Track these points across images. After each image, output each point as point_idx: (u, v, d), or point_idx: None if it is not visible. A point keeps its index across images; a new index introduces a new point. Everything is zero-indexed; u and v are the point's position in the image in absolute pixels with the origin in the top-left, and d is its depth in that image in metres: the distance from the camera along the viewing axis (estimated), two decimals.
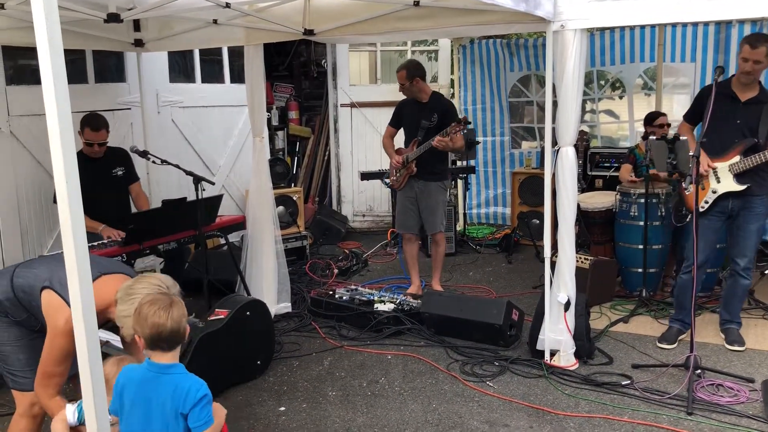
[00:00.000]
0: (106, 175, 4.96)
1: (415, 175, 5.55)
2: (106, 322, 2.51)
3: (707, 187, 4.37)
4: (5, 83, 4.90)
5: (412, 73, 5.45)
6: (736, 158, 4.32)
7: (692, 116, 4.62)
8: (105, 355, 2.27)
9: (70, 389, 2.87)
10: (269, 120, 8.27)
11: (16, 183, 5.02)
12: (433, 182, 5.58)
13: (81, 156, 4.85)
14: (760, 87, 4.39)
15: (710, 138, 4.22)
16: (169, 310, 2.21)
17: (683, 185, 4.22)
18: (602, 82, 7.86)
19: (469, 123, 5.41)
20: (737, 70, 4.33)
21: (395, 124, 5.78)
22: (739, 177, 4.33)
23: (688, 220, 4.58)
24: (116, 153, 5.06)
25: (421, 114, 5.49)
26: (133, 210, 5.22)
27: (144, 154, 4.95)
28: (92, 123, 4.79)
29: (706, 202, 4.41)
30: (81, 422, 2.50)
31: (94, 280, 2.51)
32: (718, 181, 4.35)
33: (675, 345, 4.55)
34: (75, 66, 5.58)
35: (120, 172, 5.07)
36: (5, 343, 2.66)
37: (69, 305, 2.38)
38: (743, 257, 4.45)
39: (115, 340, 3.62)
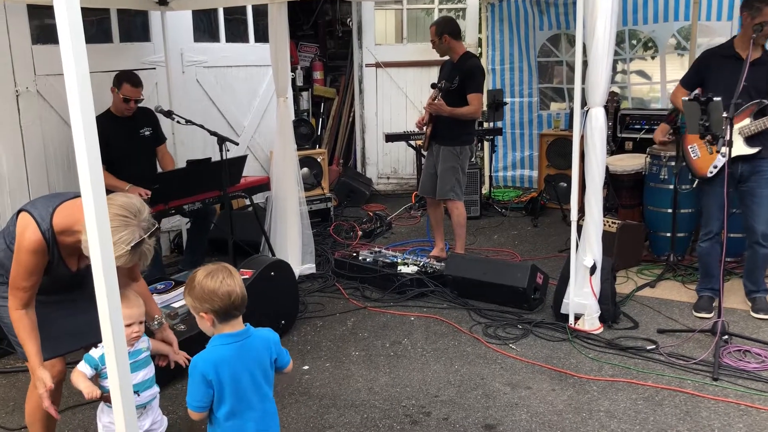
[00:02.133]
0: (134, 134, 4.98)
1: (432, 137, 5.49)
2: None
3: (715, 151, 4.23)
4: (31, 42, 4.91)
5: (441, 29, 5.32)
6: (746, 121, 4.18)
7: (690, 81, 4.51)
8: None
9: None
10: (293, 80, 8.22)
11: (44, 142, 5.06)
12: (445, 146, 5.43)
13: (110, 115, 4.88)
14: (762, 48, 4.27)
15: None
16: (232, 277, 2.19)
17: (716, 148, 4.11)
18: (634, 42, 7.64)
19: (441, 89, 5.23)
20: (740, 31, 4.23)
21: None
22: (749, 140, 4.20)
23: (694, 186, 4.50)
24: (144, 113, 5.06)
25: (448, 75, 5.38)
26: (159, 170, 5.25)
27: (168, 114, 4.95)
28: (132, 79, 4.79)
29: (715, 167, 4.30)
30: (97, 371, 2.56)
31: (70, 199, 2.53)
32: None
33: (713, 313, 4.40)
34: (100, 25, 5.56)
35: (147, 133, 5.08)
36: (7, 315, 2.66)
37: (38, 225, 2.42)
38: (759, 225, 4.29)
39: None
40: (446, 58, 5.53)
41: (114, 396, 1.64)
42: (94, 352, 2.56)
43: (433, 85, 5.29)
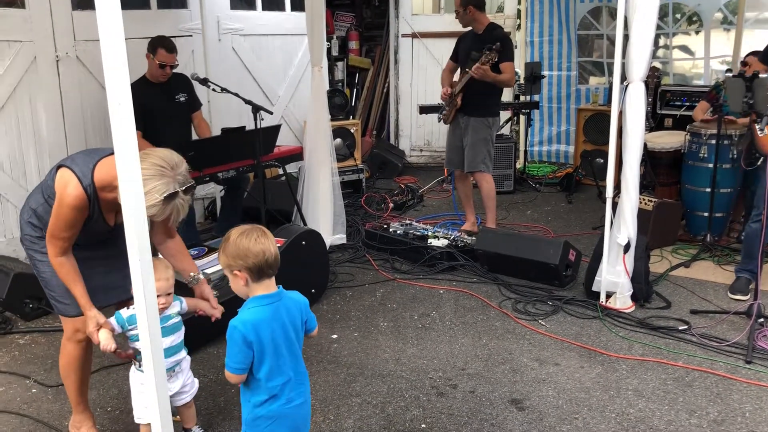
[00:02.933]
0: (169, 100, 5.01)
1: (460, 109, 5.41)
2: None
3: (757, 130, 4.10)
4: (71, 8, 4.96)
5: (466, 0, 5.24)
6: None
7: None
8: None
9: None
10: (329, 50, 8.18)
11: (82, 106, 5.14)
12: (476, 117, 5.37)
13: (145, 81, 4.91)
14: None
15: None
16: (266, 236, 2.19)
17: (758, 126, 3.99)
18: (678, 16, 7.42)
19: (500, 50, 5.06)
20: None
21: (455, 57, 5.61)
22: None
23: (759, 164, 4.34)
24: (180, 79, 5.08)
25: (473, 46, 5.30)
26: (194, 137, 5.29)
27: (204, 82, 4.97)
28: (167, 44, 4.81)
29: None
30: (123, 330, 2.62)
31: (108, 155, 2.57)
32: None
33: (749, 296, 4.32)
34: None
35: (183, 98, 5.10)
36: (45, 269, 2.72)
37: (80, 180, 2.46)
38: None
39: None
40: (467, 29, 5.46)
41: (145, 358, 1.68)
42: (124, 312, 2.62)
43: (489, 47, 5.05)
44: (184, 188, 2.39)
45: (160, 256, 2.90)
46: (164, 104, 4.95)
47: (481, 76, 5.09)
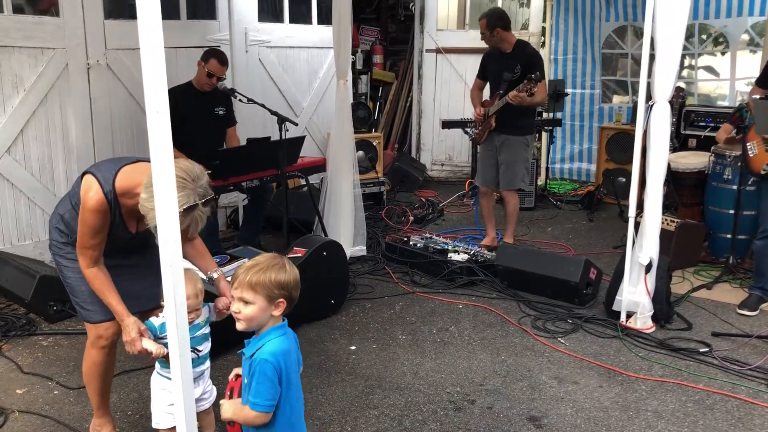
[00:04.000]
0: (209, 110, 5.08)
1: (494, 129, 5.42)
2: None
3: None
4: (104, 17, 5.07)
5: (493, 23, 5.26)
6: None
7: (766, 81, 4.36)
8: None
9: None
10: (353, 63, 8.25)
11: (111, 113, 5.23)
12: (515, 136, 5.41)
13: (190, 87, 5.01)
14: None
15: None
16: (292, 265, 2.11)
17: (748, 147, 4.01)
18: (704, 37, 7.39)
19: (540, 80, 5.09)
20: None
21: (482, 75, 5.64)
22: None
23: (749, 183, 4.36)
24: (221, 93, 5.12)
25: (504, 65, 5.32)
26: None
27: (231, 92, 5.04)
28: (220, 57, 4.95)
29: None
30: (156, 337, 2.64)
31: (132, 162, 2.62)
32: None
33: (756, 312, 4.38)
34: (168, 2, 5.69)
35: (221, 112, 5.18)
36: (70, 275, 2.78)
37: (101, 186, 2.51)
38: None
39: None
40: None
41: (174, 367, 1.70)
42: (155, 320, 2.65)
43: (529, 77, 5.04)
44: (203, 201, 2.42)
45: (188, 264, 2.94)
46: (203, 114, 5.02)
47: (518, 103, 5.12)
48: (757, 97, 3.83)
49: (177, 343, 1.65)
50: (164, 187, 1.56)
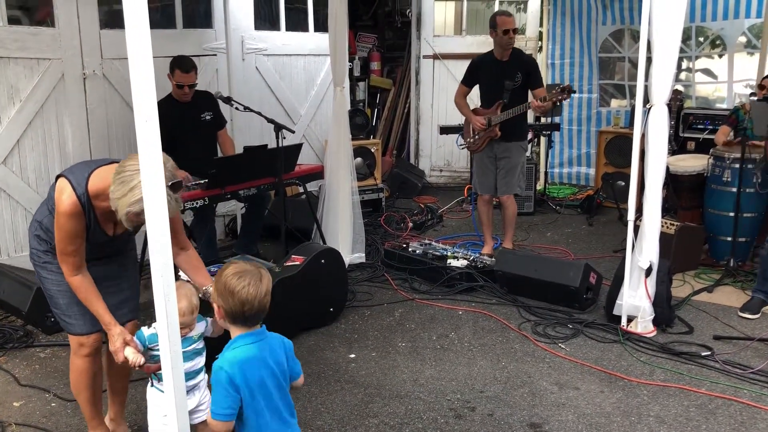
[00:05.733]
0: (195, 119, 5.05)
1: (497, 137, 5.40)
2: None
3: None
4: (99, 27, 5.06)
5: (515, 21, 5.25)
6: None
7: None
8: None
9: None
10: (351, 70, 8.25)
11: (107, 122, 5.22)
12: (514, 142, 5.41)
13: (171, 100, 4.97)
14: None
15: None
16: (258, 286, 2.07)
17: None
18: (701, 39, 7.40)
19: (574, 92, 5.13)
20: None
21: (469, 83, 5.58)
22: None
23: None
24: (205, 97, 5.12)
25: (502, 73, 5.29)
26: (220, 155, 5.34)
27: (228, 101, 5.02)
28: (182, 65, 4.83)
29: None
30: (144, 348, 2.62)
31: (106, 164, 2.60)
32: None
33: (758, 315, 4.37)
34: (164, 11, 5.69)
35: (208, 117, 5.14)
36: (50, 287, 2.76)
37: (74, 189, 2.49)
38: None
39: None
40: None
41: (165, 378, 1.68)
42: (146, 330, 2.63)
43: (561, 88, 5.06)
44: (170, 184, 2.40)
45: (184, 277, 2.92)
46: (190, 123, 5.00)
47: (542, 112, 5.13)
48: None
49: (169, 355, 1.62)
50: (154, 196, 1.55)
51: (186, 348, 2.64)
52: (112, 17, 5.19)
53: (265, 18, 6.69)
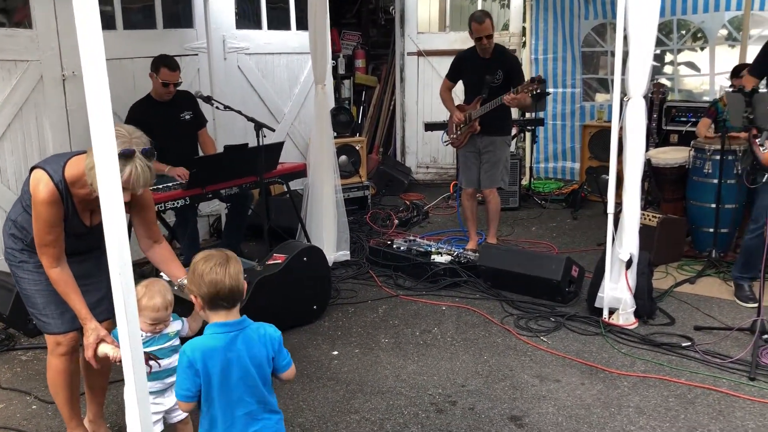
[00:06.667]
0: (174, 118, 5.03)
1: (481, 130, 5.41)
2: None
3: (757, 144, 4.11)
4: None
5: (493, 21, 5.24)
6: None
7: (759, 70, 4.36)
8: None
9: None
10: (336, 68, 8.25)
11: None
12: (498, 137, 5.43)
13: (150, 101, 4.95)
14: None
15: None
16: (225, 266, 2.09)
17: (758, 141, 3.97)
18: (683, 32, 7.43)
19: (544, 81, 5.16)
20: None
21: (453, 78, 5.61)
22: None
23: (764, 180, 4.30)
24: (184, 97, 5.11)
25: (485, 70, 5.31)
26: (200, 154, 5.33)
27: (208, 100, 5.01)
28: (169, 63, 4.82)
29: None
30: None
31: (77, 155, 2.62)
32: None
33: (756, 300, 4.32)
34: (144, 11, 5.67)
35: (188, 116, 5.12)
36: (26, 286, 2.76)
37: (51, 177, 2.50)
38: None
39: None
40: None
41: (126, 373, 1.68)
42: None
43: (533, 79, 5.11)
44: (142, 150, 2.40)
45: (163, 277, 2.91)
46: (170, 123, 4.98)
47: (515, 104, 5.14)
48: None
49: (129, 348, 1.62)
50: (111, 193, 1.54)
51: (163, 345, 2.65)
52: None
53: (247, 17, 6.68)
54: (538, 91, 5.12)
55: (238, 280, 2.13)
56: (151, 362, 2.56)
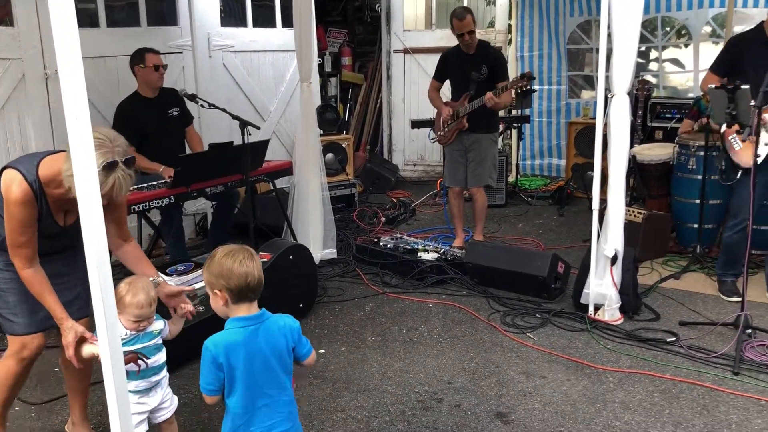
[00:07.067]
0: (162, 115, 5.01)
1: (468, 127, 5.42)
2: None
3: (741, 140, 4.16)
4: None
5: (474, 18, 5.24)
6: None
7: (722, 67, 4.40)
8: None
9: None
10: (322, 66, 8.23)
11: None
12: (484, 134, 5.43)
13: (138, 97, 4.94)
14: None
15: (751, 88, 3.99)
16: (252, 259, 2.17)
17: (740, 138, 4.00)
18: (667, 29, 7.47)
19: (533, 77, 5.19)
20: None
21: (440, 77, 5.62)
22: None
23: (738, 177, 4.35)
24: (171, 93, 5.09)
25: (469, 66, 5.31)
26: (188, 151, 5.30)
27: (192, 98, 4.99)
28: (151, 48, 4.86)
29: (758, 156, 4.19)
30: None
31: (50, 154, 2.59)
32: None
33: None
34: (128, 9, 5.62)
35: (175, 113, 5.11)
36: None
37: (24, 177, 2.47)
38: None
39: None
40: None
41: (105, 370, 1.67)
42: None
43: (522, 76, 5.20)
44: (124, 159, 2.39)
45: (149, 278, 2.89)
46: (158, 119, 4.96)
47: (494, 105, 5.14)
48: (713, 86, 3.86)
49: (107, 344, 1.61)
50: (89, 193, 1.53)
51: (147, 342, 2.63)
52: None
53: (232, 14, 6.64)
54: (527, 87, 5.14)
55: (262, 273, 2.20)
56: (140, 361, 2.55)
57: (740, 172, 4.31)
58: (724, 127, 4.39)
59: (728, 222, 4.51)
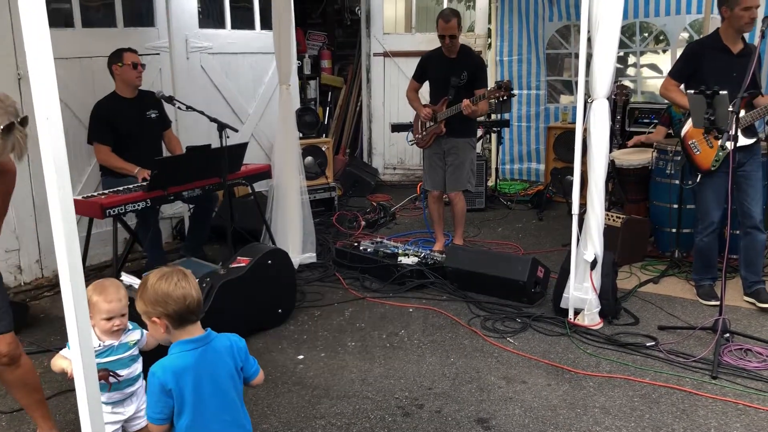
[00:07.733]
0: (141, 116, 4.97)
1: (446, 132, 5.40)
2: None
3: (715, 145, 4.22)
4: None
5: (460, 21, 5.22)
6: (741, 113, 4.10)
7: (682, 74, 4.47)
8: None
9: None
10: (301, 69, 8.18)
11: None
12: (462, 138, 5.42)
13: (116, 97, 4.89)
14: (743, 40, 4.37)
15: None
16: (187, 279, 2.08)
17: (719, 143, 4.04)
18: (645, 35, 7.54)
19: (511, 88, 5.19)
20: (724, 24, 4.32)
21: (419, 78, 5.61)
22: (745, 131, 4.20)
23: (698, 181, 4.40)
24: (149, 96, 5.07)
25: (450, 71, 5.30)
26: (165, 154, 5.24)
27: (170, 100, 4.92)
28: (129, 48, 4.88)
29: (717, 161, 4.26)
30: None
31: None
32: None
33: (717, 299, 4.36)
34: (104, 9, 5.54)
35: (154, 115, 5.07)
36: None
37: None
38: (755, 208, 4.32)
39: (135, 283, 3.64)
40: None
41: (77, 377, 1.61)
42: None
43: (499, 85, 5.19)
44: (20, 120, 2.33)
45: (126, 280, 2.84)
46: (136, 120, 4.91)
47: (470, 113, 5.12)
48: (691, 92, 3.89)
49: (79, 348, 1.56)
50: (60, 194, 1.48)
51: (122, 354, 2.57)
52: (48, 16, 5.01)
53: (210, 16, 6.57)
54: (505, 98, 5.14)
55: (200, 293, 2.12)
56: (110, 378, 2.49)
57: (699, 176, 4.39)
58: (683, 131, 4.47)
59: (696, 227, 4.56)
